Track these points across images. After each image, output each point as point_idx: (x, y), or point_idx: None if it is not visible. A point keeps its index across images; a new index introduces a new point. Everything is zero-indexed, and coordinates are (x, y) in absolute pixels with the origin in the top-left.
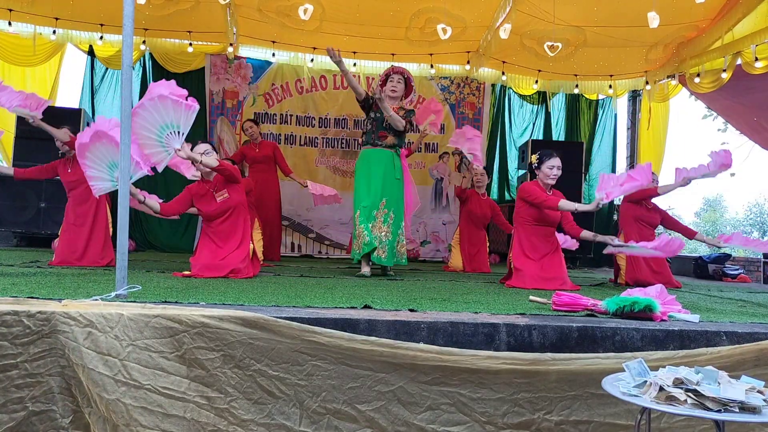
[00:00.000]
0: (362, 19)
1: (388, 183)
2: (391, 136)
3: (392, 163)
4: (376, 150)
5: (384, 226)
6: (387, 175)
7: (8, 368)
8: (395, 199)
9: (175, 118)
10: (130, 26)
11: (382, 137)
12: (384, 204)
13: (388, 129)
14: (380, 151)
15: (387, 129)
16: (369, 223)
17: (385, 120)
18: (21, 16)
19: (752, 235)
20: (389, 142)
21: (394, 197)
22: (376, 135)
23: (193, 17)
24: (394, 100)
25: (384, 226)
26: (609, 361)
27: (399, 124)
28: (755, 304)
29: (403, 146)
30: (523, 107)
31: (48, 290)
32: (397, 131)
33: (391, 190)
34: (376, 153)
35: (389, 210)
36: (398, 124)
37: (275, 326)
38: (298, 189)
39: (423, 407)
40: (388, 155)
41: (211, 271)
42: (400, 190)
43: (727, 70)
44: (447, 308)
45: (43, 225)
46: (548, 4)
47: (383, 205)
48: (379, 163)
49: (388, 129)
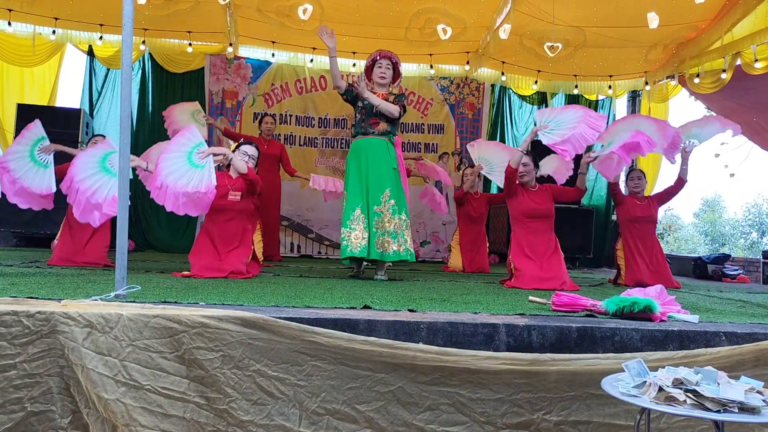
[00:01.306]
0: (362, 19)
1: (387, 173)
2: (383, 123)
3: (387, 152)
4: (368, 139)
5: (394, 218)
6: (383, 165)
7: (7, 368)
8: (396, 189)
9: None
10: (130, 26)
11: (373, 124)
12: (388, 195)
13: (379, 115)
14: (373, 140)
15: (378, 115)
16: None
17: (375, 106)
18: (21, 16)
19: (751, 236)
20: (382, 129)
21: (394, 188)
22: (367, 123)
23: (193, 17)
24: (382, 87)
25: (394, 218)
26: (608, 361)
27: (393, 111)
28: (754, 304)
29: (396, 133)
30: (522, 107)
31: (47, 290)
32: (389, 117)
33: (390, 180)
34: (369, 142)
35: (394, 201)
36: (392, 111)
37: (275, 326)
38: (298, 189)
39: (422, 407)
40: (382, 144)
41: (212, 271)
42: (399, 180)
43: (727, 71)
44: (446, 308)
45: (43, 225)
46: (548, 4)
47: (387, 196)
48: (374, 153)
49: (379, 115)
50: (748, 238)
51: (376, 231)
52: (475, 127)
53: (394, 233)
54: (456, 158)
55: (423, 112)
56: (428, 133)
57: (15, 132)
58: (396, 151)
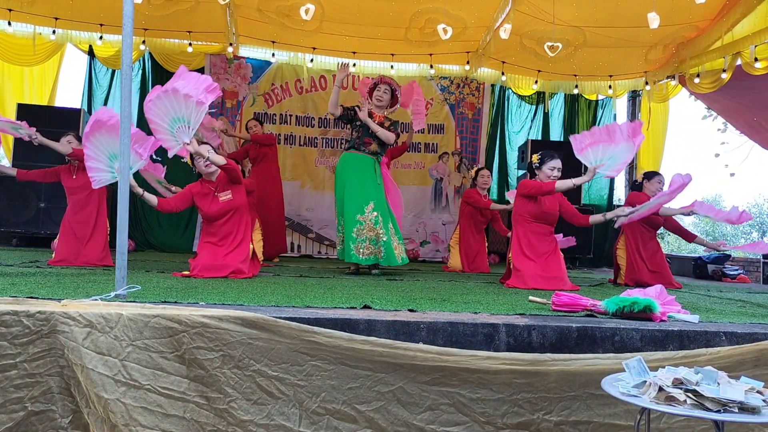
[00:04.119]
0: (362, 19)
1: (371, 187)
2: (375, 144)
3: (373, 169)
4: (357, 155)
5: (376, 227)
6: (368, 180)
7: (7, 368)
8: (380, 201)
9: (186, 113)
10: (130, 26)
11: (366, 144)
12: (372, 207)
13: (373, 136)
14: (362, 156)
15: (372, 136)
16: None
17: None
18: (21, 16)
19: (752, 236)
20: (373, 149)
21: (379, 200)
22: (361, 141)
23: (193, 17)
24: (380, 108)
25: (376, 227)
26: (608, 361)
27: (390, 138)
28: (755, 304)
29: (384, 154)
30: (522, 107)
31: (47, 290)
32: (380, 140)
33: (374, 193)
34: (357, 158)
35: (378, 212)
36: (389, 139)
37: (275, 326)
38: (298, 189)
39: (422, 407)
40: (369, 161)
41: (212, 271)
42: (382, 194)
43: (727, 71)
44: (446, 308)
45: (43, 225)
46: (548, 4)
47: (371, 208)
48: (360, 167)
49: (373, 136)
50: (748, 238)
51: (356, 237)
52: (475, 127)
53: (374, 240)
54: (456, 158)
55: None
56: (428, 132)
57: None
58: (381, 169)
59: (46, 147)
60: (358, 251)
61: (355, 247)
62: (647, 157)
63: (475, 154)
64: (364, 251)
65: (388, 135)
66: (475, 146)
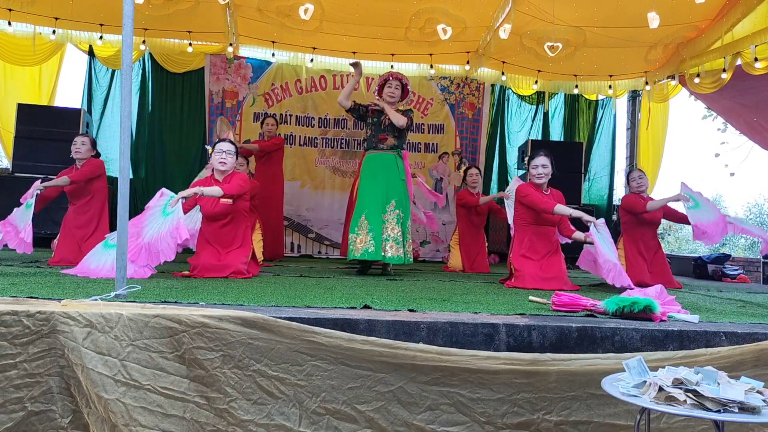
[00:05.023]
0: (362, 19)
1: (393, 184)
2: (391, 138)
3: (395, 165)
4: (378, 154)
5: (397, 226)
6: (391, 178)
7: (7, 368)
8: (402, 199)
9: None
10: (130, 26)
11: (382, 140)
12: (393, 205)
13: (387, 131)
14: (383, 154)
15: (386, 131)
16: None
17: (383, 123)
18: (21, 16)
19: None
20: (390, 144)
21: (401, 198)
22: (376, 138)
23: (193, 17)
24: (391, 104)
25: (397, 226)
26: (608, 361)
27: (401, 120)
28: (755, 304)
29: (404, 147)
30: (522, 107)
31: (47, 290)
32: (396, 132)
33: (397, 191)
34: (379, 157)
35: (399, 210)
36: (400, 121)
37: (275, 326)
38: (298, 189)
39: (422, 407)
40: (391, 158)
41: (212, 272)
42: (405, 191)
43: (727, 71)
44: (446, 308)
45: (43, 225)
46: (548, 4)
47: (392, 206)
48: (383, 166)
49: (387, 131)
50: (748, 238)
51: (381, 236)
52: (475, 127)
53: (397, 239)
54: (456, 158)
55: (423, 112)
56: (428, 132)
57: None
58: (404, 164)
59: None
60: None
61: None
62: (647, 157)
63: (475, 154)
64: (389, 250)
65: (398, 117)
66: (475, 146)
